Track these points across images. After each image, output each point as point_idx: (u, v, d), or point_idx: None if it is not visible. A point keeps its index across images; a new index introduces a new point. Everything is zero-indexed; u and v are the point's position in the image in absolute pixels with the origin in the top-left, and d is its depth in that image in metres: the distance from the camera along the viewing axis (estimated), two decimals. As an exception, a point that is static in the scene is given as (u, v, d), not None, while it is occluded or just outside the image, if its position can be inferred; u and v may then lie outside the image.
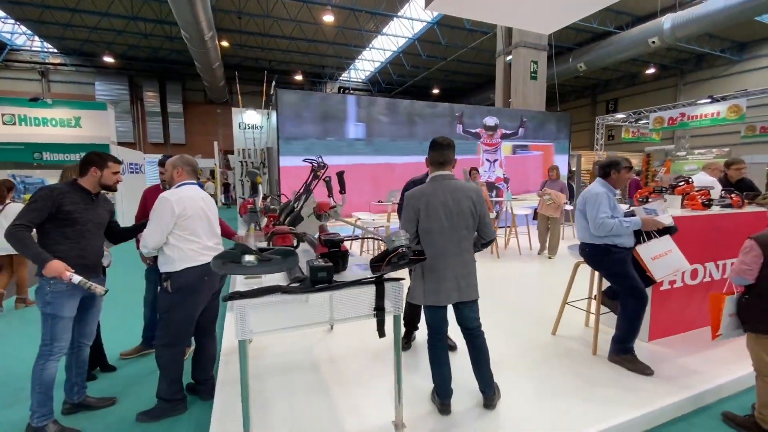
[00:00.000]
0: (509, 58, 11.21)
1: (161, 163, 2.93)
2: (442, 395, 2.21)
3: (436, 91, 25.15)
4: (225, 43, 17.22)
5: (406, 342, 3.09)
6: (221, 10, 14.96)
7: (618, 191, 3.04)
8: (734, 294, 2.27)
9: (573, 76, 18.07)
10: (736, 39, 17.47)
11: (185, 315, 2.36)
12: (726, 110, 10.72)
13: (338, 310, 1.76)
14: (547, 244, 6.58)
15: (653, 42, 14.11)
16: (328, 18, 14.06)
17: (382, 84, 24.31)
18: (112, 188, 2.39)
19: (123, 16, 15.68)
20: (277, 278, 1.93)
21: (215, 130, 23.08)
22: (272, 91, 7.86)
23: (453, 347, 3.03)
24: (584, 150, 16.77)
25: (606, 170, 2.87)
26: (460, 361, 2.58)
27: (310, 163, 3.37)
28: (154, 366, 2.42)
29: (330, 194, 3.61)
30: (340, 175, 3.12)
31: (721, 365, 2.79)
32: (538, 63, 10.98)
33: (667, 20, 13.52)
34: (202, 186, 2.55)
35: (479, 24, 16.53)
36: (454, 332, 2.46)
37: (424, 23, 17.21)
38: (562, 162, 9.98)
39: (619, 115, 13.52)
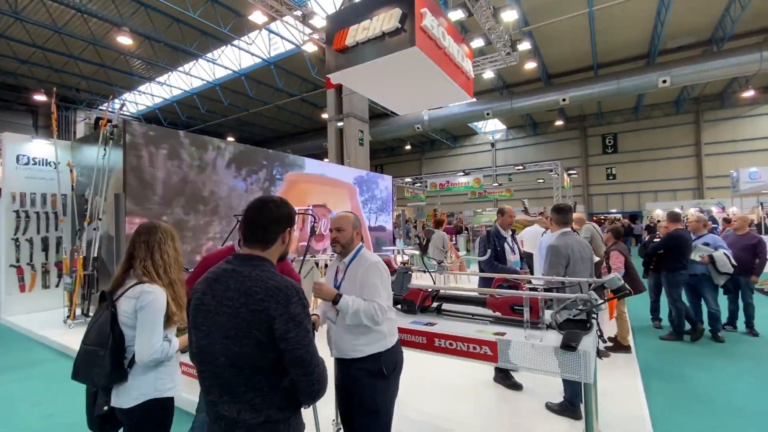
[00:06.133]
0: (340, 124, 12.71)
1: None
2: (578, 403, 2.82)
3: (231, 138, 23.99)
4: None
5: (513, 383, 3.35)
6: None
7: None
8: None
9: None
10: (453, 133, 25.97)
11: (395, 398, 2.00)
12: (473, 181, 15.92)
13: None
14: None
15: (418, 128, 19.31)
16: (125, 40, 11.60)
17: (164, 122, 21.13)
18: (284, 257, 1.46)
19: None
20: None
21: None
22: (115, 122, 6.04)
23: (519, 386, 3.49)
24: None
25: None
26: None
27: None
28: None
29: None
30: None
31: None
32: (363, 132, 12.94)
33: (426, 114, 18.94)
34: None
35: (289, 86, 17.66)
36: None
37: (231, 72, 16.78)
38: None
39: (407, 179, 17.43)
